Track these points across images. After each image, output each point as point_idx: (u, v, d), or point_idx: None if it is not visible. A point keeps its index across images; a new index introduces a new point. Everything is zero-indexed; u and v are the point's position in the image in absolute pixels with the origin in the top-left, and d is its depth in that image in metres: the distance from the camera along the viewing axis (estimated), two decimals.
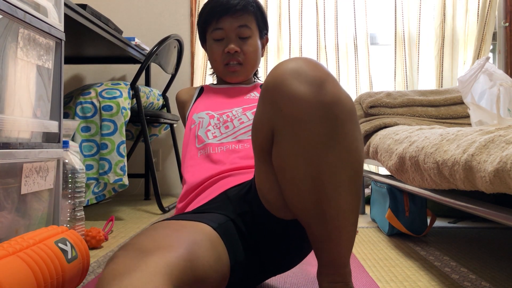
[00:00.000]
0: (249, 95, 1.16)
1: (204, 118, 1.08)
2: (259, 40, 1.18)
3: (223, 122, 1.07)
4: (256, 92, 1.18)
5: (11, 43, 0.99)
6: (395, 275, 1.08)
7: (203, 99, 1.19)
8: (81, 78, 2.82)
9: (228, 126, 1.06)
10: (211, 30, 1.14)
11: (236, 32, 1.12)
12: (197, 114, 1.11)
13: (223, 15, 1.11)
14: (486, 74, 1.63)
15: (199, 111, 1.12)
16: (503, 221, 0.83)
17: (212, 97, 1.18)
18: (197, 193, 0.97)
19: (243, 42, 1.14)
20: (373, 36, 2.79)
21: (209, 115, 1.09)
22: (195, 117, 1.11)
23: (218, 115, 1.09)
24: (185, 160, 1.08)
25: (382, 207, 1.60)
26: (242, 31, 1.12)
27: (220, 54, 1.14)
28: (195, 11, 2.74)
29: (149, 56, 2.07)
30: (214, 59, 1.16)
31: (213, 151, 1.01)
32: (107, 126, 1.86)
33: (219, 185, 0.94)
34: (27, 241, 0.81)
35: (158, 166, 2.81)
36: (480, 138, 0.86)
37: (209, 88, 1.24)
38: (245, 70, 1.17)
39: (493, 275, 1.07)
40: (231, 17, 1.11)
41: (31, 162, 1.05)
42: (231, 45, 1.12)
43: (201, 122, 1.08)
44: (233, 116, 1.07)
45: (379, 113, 1.88)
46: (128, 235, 1.53)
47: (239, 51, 1.13)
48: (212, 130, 1.06)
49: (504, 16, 2.71)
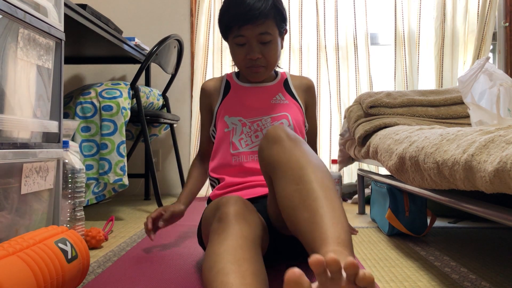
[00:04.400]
0: (275, 99, 1.29)
1: (237, 126, 1.24)
2: (279, 37, 1.23)
3: (254, 131, 1.23)
4: (281, 94, 1.30)
5: (11, 43, 0.99)
6: (395, 275, 1.08)
7: (233, 99, 1.29)
8: (81, 78, 2.82)
9: (258, 136, 1.23)
10: (233, 35, 1.20)
11: (257, 38, 1.18)
12: (229, 118, 1.25)
13: (244, 24, 1.16)
14: (486, 74, 1.63)
15: (231, 115, 1.25)
16: (503, 221, 0.83)
17: (241, 98, 1.28)
18: (233, 189, 1.18)
19: (264, 47, 1.20)
20: (373, 36, 2.79)
21: (242, 123, 1.24)
22: (228, 121, 1.25)
23: (249, 123, 1.24)
24: (217, 154, 1.26)
25: (382, 207, 1.60)
26: (263, 37, 1.18)
27: (243, 58, 1.22)
28: (195, 11, 2.74)
29: (149, 56, 2.07)
30: (237, 62, 1.25)
31: (245, 160, 1.21)
32: (107, 126, 1.86)
33: (250, 191, 1.16)
34: (27, 241, 0.81)
35: (158, 166, 2.81)
36: (480, 138, 0.85)
37: (235, 84, 1.32)
38: (267, 70, 1.26)
39: (493, 275, 1.07)
40: (252, 25, 1.16)
41: (31, 162, 1.05)
42: (253, 53, 1.19)
43: (235, 129, 1.24)
44: (262, 125, 1.24)
45: (379, 113, 1.88)
46: (128, 235, 1.52)
47: (260, 57, 1.21)
48: (245, 138, 1.23)
49: (504, 16, 2.71)
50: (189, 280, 1.02)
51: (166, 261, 1.19)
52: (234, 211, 0.85)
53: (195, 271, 1.10)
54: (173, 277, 1.04)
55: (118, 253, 1.27)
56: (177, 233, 1.55)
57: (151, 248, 1.33)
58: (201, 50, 2.70)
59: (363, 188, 2.04)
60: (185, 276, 1.05)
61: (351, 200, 2.45)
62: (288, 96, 1.30)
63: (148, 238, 1.46)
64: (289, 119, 1.25)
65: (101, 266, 1.14)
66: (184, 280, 1.02)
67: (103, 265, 1.14)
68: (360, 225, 1.74)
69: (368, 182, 2.39)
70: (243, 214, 0.86)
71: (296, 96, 1.32)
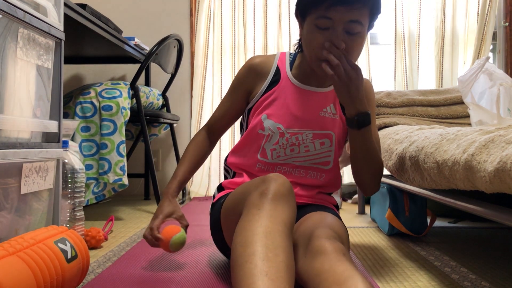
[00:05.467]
0: (325, 111, 1.11)
1: (275, 133, 1.09)
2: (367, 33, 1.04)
3: (291, 144, 1.09)
4: (333, 106, 1.11)
5: (11, 43, 0.99)
6: (395, 275, 1.07)
7: (278, 97, 1.11)
8: (81, 78, 2.82)
9: (293, 150, 1.09)
10: (316, 15, 0.98)
11: (345, 26, 0.97)
12: (268, 121, 1.10)
13: (336, 5, 0.95)
14: (486, 74, 1.63)
15: (271, 117, 1.09)
16: (503, 221, 0.83)
17: (287, 101, 1.10)
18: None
19: (350, 38, 0.98)
20: (373, 36, 2.79)
21: (280, 132, 1.08)
22: (265, 123, 1.09)
23: (288, 135, 1.09)
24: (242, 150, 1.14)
25: (382, 207, 1.60)
26: (352, 26, 0.97)
27: (320, 46, 0.98)
28: (195, 11, 2.74)
29: (149, 56, 2.07)
30: (311, 49, 1.01)
31: (271, 170, 1.10)
32: (106, 126, 1.86)
33: None
34: (27, 241, 0.81)
35: (158, 166, 2.80)
36: (480, 138, 0.85)
37: (286, 79, 1.12)
38: None
39: (493, 275, 1.07)
40: (345, 8, 0.95)
41: (30, 162, 1.05)
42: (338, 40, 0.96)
43: (271, 136, 1.09)
44: (302, 140, 1.09)
45: (379, 113, 1.88)
46: (128, 235, 1.52)
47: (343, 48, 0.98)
48: (278, 150, 1.09)
49: (504, 16, 2.71)
50: (189, 280, 1.02)
51: (166, 261, 1.19)
52: (280, 191, 0.82)
53: (195, 270, 1.09)
54: (173, 277, 1.04)
55: (118, 253, 1.27)
56: None
57: (151, 248, 1.33)
58: (201, 50, 2.70)
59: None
60: (185, 275, 1.05)
61: (351, 200, 2.45)
62: (339, 110, 1.12)
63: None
64: (333, 139, 1.10)
65: (101, 266, 1.14)
66: (184, 280, 1.02)
67: (103, 265, 1.14)
68: (360, 225, 1.74)
69: None
70: (287, 197, 0.83)
71: None
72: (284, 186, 0.85)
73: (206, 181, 2.69)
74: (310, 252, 0.85)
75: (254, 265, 0.68)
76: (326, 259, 0.80)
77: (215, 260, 1.19)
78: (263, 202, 0.81)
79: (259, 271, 0.67)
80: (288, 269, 0.70)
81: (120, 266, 1.13)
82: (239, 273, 0.69)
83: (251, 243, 0.72)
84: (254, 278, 0.66)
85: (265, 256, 0.69)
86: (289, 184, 0.87)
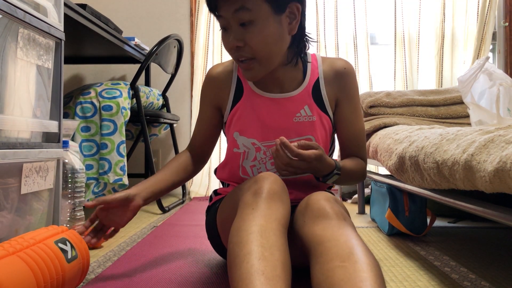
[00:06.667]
0: (299, 115, 1.02)
1: (250, 150, 1.05)
2: (275, 17, 0.91)
3: (270, 157, 1.04)
4: (307, 108, 1.02)
5: (11, 43, 0.99)
6: (395, 275, 1.08)
7: (245, 110, 1.04)
8: (81, 78, 2.82)
9: (273, 163, 1.01)
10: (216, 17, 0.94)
11: (234, 18, 0.89)
12: (240, 137, 1.05)
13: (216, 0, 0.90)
14: (486, 74, 1.64)
15: (243, 133, 1.04)
16: (503, 221, 0.83)
17: (256, 112, 1.03)
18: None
19: (245, 30, 0.90)
20: (373, 36, 2.79)
21: (256, 147, 1.04)
22: (239, 141, 1.05)
23: (264, 148, 1.04)
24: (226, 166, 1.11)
25: (382, 207, 1.60)
26: (240, 15, 0.88)
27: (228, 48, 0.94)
28: (195, 11, 2.74)
29: (149, 56, 2.07)
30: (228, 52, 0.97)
31: None
32: (107, 126, 1.86)
33: None
34: (27, 241, 0.81)
35: (158, 166, 2.80)
36: (480, 138, 0.86)
37: (249, 90, 1.05)
38: (261, 65, 0.95)
39: (493, 275, 1.07)
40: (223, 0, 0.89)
41: (31, 162, 1.05)
42: (229, 39, 0.92)
43: (247, 153, 1.05)
44: None
45: (379, 113, 1.88)
46: (127, 235, 1.53)
47: (241, 46, 0.92)
48: (258, 165, 1.06)
49: (504, 16, 2.71)
50: (189, 280, 1.02)
51: (166, 260, 1.19)
52: (273, 189, 0.82)
53: (195, 270, 1.10)
54: (173, 277, 1.04)
55: (118, 253, 1.27)
56: (177, 233, 1.55)
57: (151, 248, 1.33)
58: (201, 49, 2.71)
59: (363, 187, 2.04)
60: (185, 275, 1.05)
61: (351, 199, 2.45)
62: (316, 109, 1.03)
63: (149, 238, 1.46)
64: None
65: (101, 266, 1.14)
66: (184, 280, 1.02)
67: (103, 265, 1.14)
68: (360, 225, 1.74)
69: (368, 182, 2.39)
70: (280, 195, 0.83)
71: (326, 106, 1.05)
72: (276, 184, 0.85)
73: (206, 181, 2.69)
74: (309, 216, 0.84)
75: (251, 265, 0.68)
76: (328, 225, 0.79)
77: (215, 260, 1.20)
78: (257, 201, 0.81)
79: (255, 271, 0.67)
80: (284, 267, 0.70)
81: (120, 266, 1.13)
82: (236, 273, 0.69)
83: (246, 243, 0.72)
84: (251, 278, 0.66)
85: (261, 255, 0.70)
86: (281, 182, 0.87)
